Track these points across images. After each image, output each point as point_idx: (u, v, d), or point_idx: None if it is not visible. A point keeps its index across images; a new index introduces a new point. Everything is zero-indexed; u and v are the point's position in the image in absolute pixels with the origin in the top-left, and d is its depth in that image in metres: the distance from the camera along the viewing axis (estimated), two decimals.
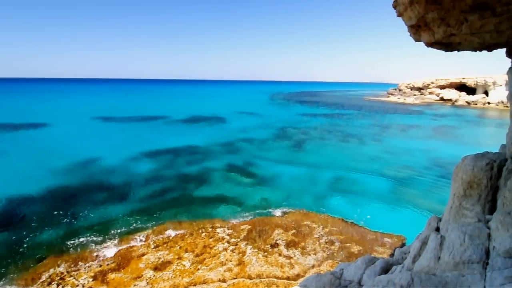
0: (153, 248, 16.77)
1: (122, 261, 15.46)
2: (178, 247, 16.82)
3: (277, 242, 17.56)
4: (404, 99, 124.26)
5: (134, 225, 19.45)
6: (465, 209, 5.51)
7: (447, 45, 5.97)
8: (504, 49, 7.02)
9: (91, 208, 21.76)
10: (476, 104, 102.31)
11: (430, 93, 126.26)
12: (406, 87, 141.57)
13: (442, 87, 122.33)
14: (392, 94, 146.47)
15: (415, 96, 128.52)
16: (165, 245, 17.12)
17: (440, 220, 6.40)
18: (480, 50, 6.86)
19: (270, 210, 22.01)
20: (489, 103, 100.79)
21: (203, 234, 18.35)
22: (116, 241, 17.49)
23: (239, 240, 17.68)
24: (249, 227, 19.32)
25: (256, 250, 16.66)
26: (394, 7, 6.30)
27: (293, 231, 18.88)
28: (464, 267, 4.48)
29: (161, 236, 18.16)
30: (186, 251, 16.47)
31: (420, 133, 53.77)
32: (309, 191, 25.79)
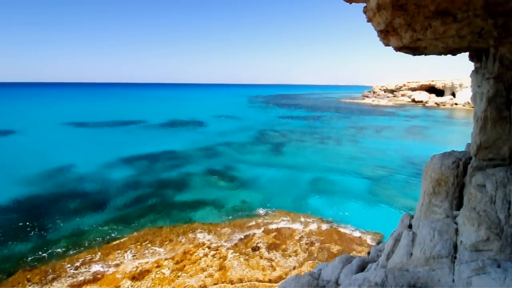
0: (131, 256, 16.25)
1: (98, 272, 14.85)
2: (157, 255, 16.40)
3: (258, 245, 17.55)
4: (378, 101, 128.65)
5: (110, 234, 18.74)
6: (435, 206, 5.76)
7: (414, 49, 6.24)
8: (467, 53, 7.48)
9: (63, 218, 20.77)
10: (444, 105, 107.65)
11: (402, 95, 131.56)
12: (380, 89, 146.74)
13: (414, 89, 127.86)
14: (367, 97, 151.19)
15: (388, 98, 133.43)
16: (143, 252, 16.63)
17: (412, 217, 6.66)
18: (445, 54, 7.22)
19: (251, 212, 21.98)
20: (456, 104, 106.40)
21: (183, 239, 18.01)
22: (90, 252, 16.77)
23: (220, 244, 17.50)
24: (230, 231, 19.19)
25: (237, 254, 16.55)
26: (365, 12, 6.51)
27: (274, 233, 18.95)
28: (434, 262, 4.68)
29: (139, 243, 17.63)
30: (166, 258, 16.08)
31: (393, 134, 55.81)
32: (289, 193, 26.02)
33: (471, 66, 7.47)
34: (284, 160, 37.00)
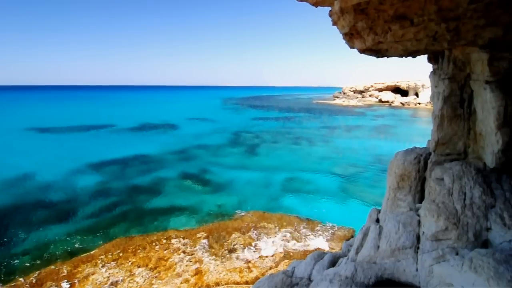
0: (101, 267, 15.52)
1: (66, 286, 14.05)
2: (130, 263, 15.81)
3: (235, 246, 17.48)
4: (348, 102, 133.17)
5: (78, 246, 17.79)
6: (399, 200, 6.08)
7: (377, 52, 6.57)
8: (426, 56, 7.97)
9: (26, 230, 19.44)
10: (409, 105, 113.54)
11: (370, 95, 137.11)
12: (350, 90, 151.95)
13: (380, 90, 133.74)
14: (337, 97, 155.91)
15: (357, 99, 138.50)
16: (114, 262, 15.95)
17: (379, 211, 6.97)
18: (406, 56, 7.66)
19: (227, 215, 21.85)
20: (419, 103, 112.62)
21: (157, 246, 17.50)
22: (57, 265, 15.83)
23: (195, 249, 17.21)
24: (206, 234, 18.94)
25: (213, 257, 16.37)
26: (330, 15, 6.75)
27: (250, 233, 18.97)
28: (399, 253, 4.93)
29: (110, 253, 16.89)
30: (139, 266, 15.54)
31: (363, 133, 58.00)
32: (264, 193, 26.19)
33: (431, 67, 7.97)
34: (259, 161, 37.19)
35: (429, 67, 8.35)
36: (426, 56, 7.89)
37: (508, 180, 5.24)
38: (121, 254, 16.69)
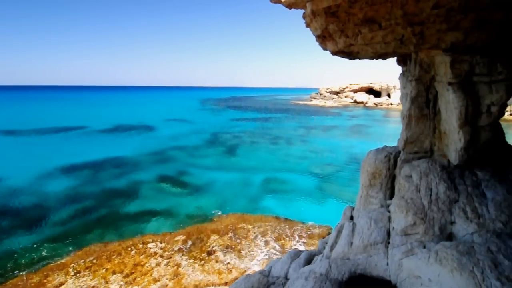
0: (73, 275, 14.85)
1: None
2: (104, 270, 15.24)
3: (214, 249, 17.32)
4: (325, 102, 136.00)
5: (49, 254, 16.91)
6: (371, 197, 6.30)
7: (348, 54, 6.77)
8: (396, 58, 8.30)
9: None
10: (382, 105, 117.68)
11: (345, 96, 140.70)
12: (326, 91, 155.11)
13: (355, 91, 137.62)
14: (314, 98, 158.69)
15: (333, 99, 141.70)
16: (87, 270, 15.31)
17: (353, 209, 7.19)
18: (377, 59, 7.93)
19: (205, 217, 21.61)
20: (391, 104, 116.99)
21: (133, 252, 16.99)
22: (27, 276, 14.96)
23: (173, 252, 16.88)
24: (184, 237, 18.63)
25: (192, 260, 16.13)
26: (304, 18, 6.87)
27: (229, 235, 18.87)
28: (371, 249, 5.11)
29: (82, 261, 16.19)
30: (114, 273, 15.02)
31: (339, 133, 59.46)
32: (243, 194, 26.17)
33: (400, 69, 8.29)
34: (237, 162, 37.12)
35: (400, 69, 8.71)
36: (396, 58, 8.22)
37: (470, 176, 5.57)
38: (94, 261, 16.06)
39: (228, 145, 47.67)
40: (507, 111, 74.43)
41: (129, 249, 17.28)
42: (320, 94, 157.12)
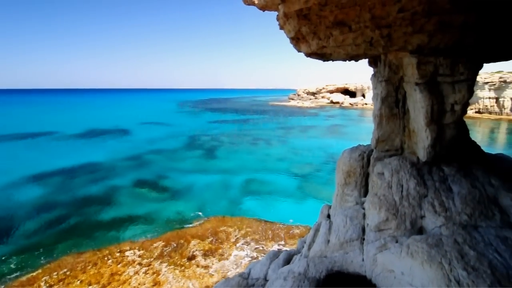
0: None
1: None
2: (79, 282, 14.61)
3: (194, 253, 17.08)
4: (303, 103, 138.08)
5: (18, 266, 16.02)
6: (347, 195, 6.46)
7: (322, 56, 6.91)
8: (367, 60, 8.56)
9: None
10: (357, 105, 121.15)
11: (322, 97, 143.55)
12: (303, 92, 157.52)
13: (331, 92, 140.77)
14: (292, 99, 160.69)
15: (311, 100, 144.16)
16: (61, 283, 14.62)
17: (330, 207, 7.33)
18: (349, 60, 8.14)
19: (185, 221, 21.27)
20: (366, 104, 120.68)
21: (110, 261, 16.41)
22: None
23: (152, 259, 16.47)
24: (163, 243, 18.24)
25: (172, 266, 15.81)
26: (278, 20, 6.95)
27: (210, 239, 18.68)
28: (347, 246, 5.23)
29: (55, 273, 15.43)
30: (90, 284, 14.44)
31: (317, 133, 60.55)
32: (224, 197, 26.00)
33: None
34: (217, 165, 36.84)
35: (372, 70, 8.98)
36: (367, 60, 8.48)
37: (438, 172, 5.85)
38: (68, 273, 15.36)
39: (207, 147, 47.23)
40: (471, 109, 79.02)
41: (106, 258, 16.68)
42: (298, 95, 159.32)
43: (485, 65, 6.42)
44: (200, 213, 22.49)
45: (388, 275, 4.46)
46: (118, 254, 17.02)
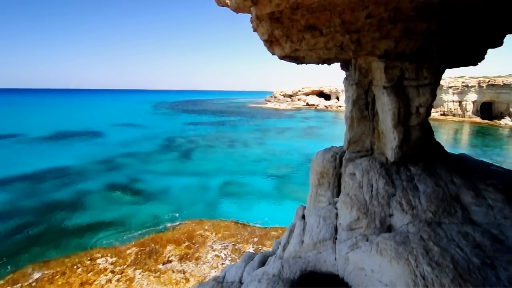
0: None
1: None
2: None
3: (170, 259, 16.69)
4: (279, 105, 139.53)
5: None
6: (320, 196, 6.59)
7: (295, 59, 7.02)
8: (339, 63, 8.79)
9: None
10: (331, 108, 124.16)
11: (298, 99, 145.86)
12: (280, 94, 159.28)
13: (307, 94, 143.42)
14: (269, 101, 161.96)
15: (287, 102, 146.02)
16: None
17: (305, 208, 7.44)
18: (322, 64, 8.33)
19: (160, 225, 20.75)
20: (340, 106, 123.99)
21: (80, 269, 15.65)
22: None
23: (125, 266, 15.91)
24: (137, 249, 17.67)
25: (146, 273, 15.35)
26: (251, 22, 6.97)
27: (186, 243, 18.34)
28: (320, 245, 5.33)
29: (19, 285, 14.50)
30: None
31: (293, 134, 61.38)
32: (201, 199, 25.65)
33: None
34: (194, 167, 36.31)
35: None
36: (339, 64, 8.71)
37: (405, 172, 6.11)
38: (34, 284, 14.49)
39: (183, 149, 46.45)
40: (437, 112, 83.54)
41: (75, 267, 15.90)
42: (275, 97, 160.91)
43: (449, 70, 6.81)
44: (176, 217, 22.05)
45: (359, 273, 4.59)
46: (88, 262, 16.28)
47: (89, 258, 16.70)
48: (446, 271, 3.95)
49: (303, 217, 7.09)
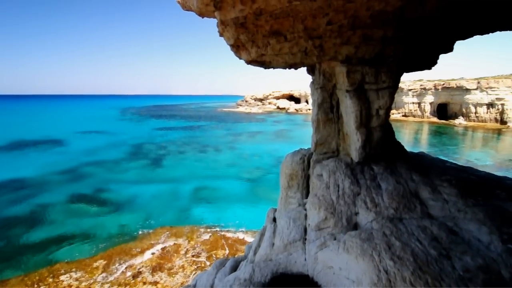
0: None
1: None
2: None
3: (140, 270, 16.07)
4: (250, 109, 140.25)
5: None
6: (290, 198, 6.70)
7: (262, 63, 7.11)
8: (305, 68, 9.03)
9: None
10: (302, 111, 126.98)
11: (269, 103, 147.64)
12: (251, 98, 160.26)
13: (278, 98, 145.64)
14: (240, 105, 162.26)
15: (258, 106, 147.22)
16: None
17: (276, 211, 7.53)
18: (289, 68, 8.50)
19: (130, 235, 19.94)
20: (310, 109, 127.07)
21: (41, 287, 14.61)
22: None
23: (92, 281, 15.08)
24: (105, 262, 16.84)
25: (115, 287, 14.65)
26: (217, 27, 6.97)
27: (158, 252, 17.79)
28: (291, 247, 5.40)
29: None
30: None
31: (265, 138, 61.94)
32: (172, 207, 25.01)
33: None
34: (165, 173, 35.38)
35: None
36: (306, 68, 8.95)
37: (368, 171, 6.39)
38: None
39: (153, 156, 45.10)
40: (399, 113, 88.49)
41: (36, 285, 14.82)
42: (246, 101, 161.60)
43: (409, 74, 7.26)
44: (146, 225, 21.32)
45: (328, 272, 4.71)
46: (51, 280, 15.24)
47: (51, 274, 15.64)
48: (406, 264, 4.17)
49: (274, 219, 7.17)
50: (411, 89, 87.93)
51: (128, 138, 62.60)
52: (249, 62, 6.90)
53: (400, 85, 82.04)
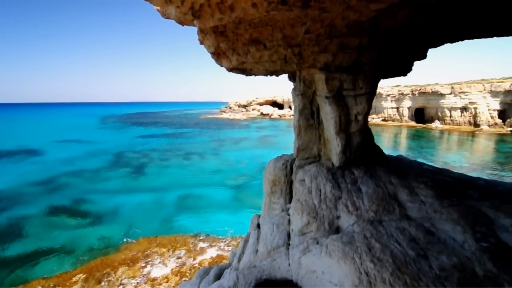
0: None
1: None
2: None
3: (123, 282, 15.58)
4: (234, 115, 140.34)
5: None
6: (274, 203, 6.74)
7: (243, 71, 7.20)
8: (287, 75, 9.18)
9: None
10: (285, 117, 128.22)
11: (253, 109, 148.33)
12: (235, 105, 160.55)
13: (261, 104, 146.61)
14: (224, 112, 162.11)
15: (242, 112, 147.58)
16: None
17: (260, 217, 7.54)
18: (270, 75, 8.62)
19: (111, 247, 19.32)
20: (293, 115, 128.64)
21: None
22: None
23: None
24: (85, 275, 16.20)
25: None
26: (198, 34, 7.00)
27: (141, 263, 17.30)
28: (274, 253, 5.43)
29: None
30: None
31: (249, 144, 61.98)
32: (155, 216, 24.47)
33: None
34: (147, 182, 34.64)
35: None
36: (287, 75, 9.11)
37: (349, 175, 6.54)
38: None
39: (135, 164, 44.11)
40: (379, 117, 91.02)
41: None
42: (230, 108, 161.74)
43: (388, 80, 7.54)
44: (128, 236, 20.73)
45: (311, 276, 4.76)
46: None
47: None
48: (386, 266, 4.28)
49: (258, 226, 7.18)
50: (390, 95, 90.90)
51: (108, 146, 60.99)
52: (230, 69, 6.96)
53: (379, 90, 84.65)
